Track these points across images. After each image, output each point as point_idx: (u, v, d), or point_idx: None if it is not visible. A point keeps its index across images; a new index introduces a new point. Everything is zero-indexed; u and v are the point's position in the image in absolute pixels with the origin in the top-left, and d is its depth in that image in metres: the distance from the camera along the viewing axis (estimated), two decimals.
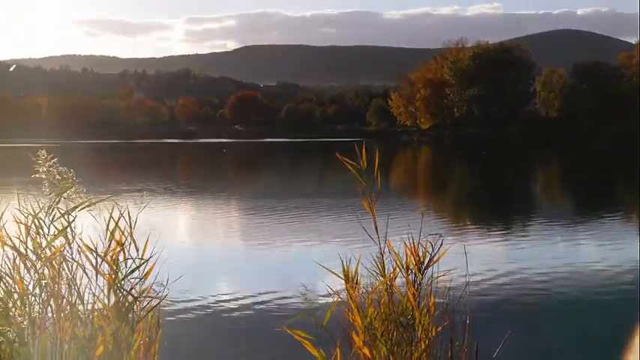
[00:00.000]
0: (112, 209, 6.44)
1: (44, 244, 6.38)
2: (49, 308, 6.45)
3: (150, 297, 6.53)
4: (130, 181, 41.70)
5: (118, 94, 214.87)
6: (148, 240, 6.47)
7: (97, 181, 34.62)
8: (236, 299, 13.10)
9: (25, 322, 6.18)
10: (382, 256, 6.49)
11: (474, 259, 14.81)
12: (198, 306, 12.46)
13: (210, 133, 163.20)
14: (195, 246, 20.10)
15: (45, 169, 6.29)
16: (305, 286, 12.17)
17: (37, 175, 6.29)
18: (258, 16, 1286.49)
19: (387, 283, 6.46)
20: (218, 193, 37.68)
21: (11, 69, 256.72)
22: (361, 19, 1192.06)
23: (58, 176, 6.27)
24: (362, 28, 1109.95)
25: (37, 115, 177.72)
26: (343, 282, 6.49)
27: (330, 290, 6.72)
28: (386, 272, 6.49)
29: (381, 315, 6.36)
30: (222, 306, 12.67)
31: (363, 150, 6.34)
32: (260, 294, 13.33)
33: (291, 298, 12.86)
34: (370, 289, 6.44)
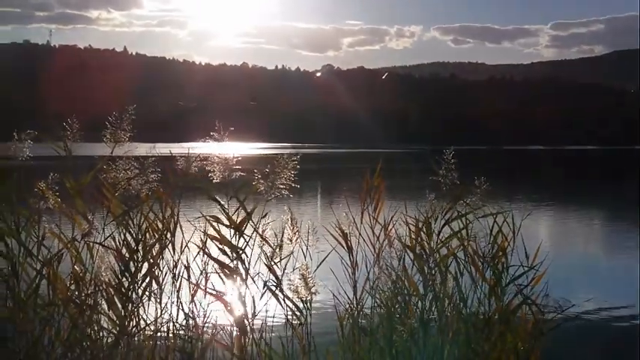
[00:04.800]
0: (496, 216, 6.44)
1: (434, 246, 6.52)
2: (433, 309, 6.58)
3: (532, 304, 6.45)
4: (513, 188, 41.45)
5: (484, 100, 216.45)
6: (538, 249, 6.37)
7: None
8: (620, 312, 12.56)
9: (413, 322, 6.35)
10: None
11: None
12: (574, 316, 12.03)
13: (572, 140, 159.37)
14: (575, 256, 19.57)
15: (443, 172, 6.44)
16: None
17: (434, 178, 6.46)
18: (628, 19, 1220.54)
19: None
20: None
21: (384, 77, 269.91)
22: None
23: (456, 181, 6.39)
24: None
25: (406, 121, 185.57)
26: None
27: None
28: None
29: None
30: (597, 317, 12.17)
31: None
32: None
33: None
34: None
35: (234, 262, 6.24)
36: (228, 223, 6.26)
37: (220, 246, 6.28)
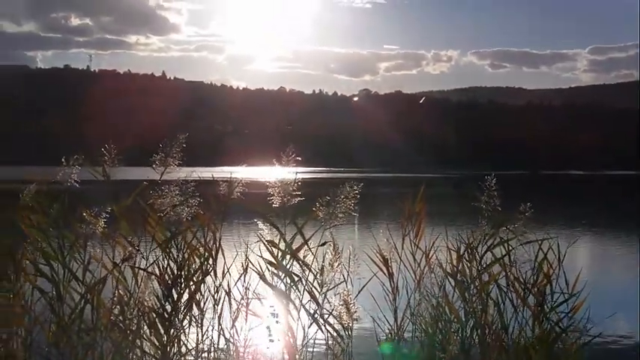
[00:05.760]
0: (541, 242, 6.37)
1: (475, 272, 6.47)
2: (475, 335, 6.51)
3: (576, 331, 6.37)
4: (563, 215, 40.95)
5: (522, 125, 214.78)
6: (578, 275, 6.30)
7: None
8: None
9: (454, 349, 6.31)
10: None
11: None
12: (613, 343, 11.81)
13: (612, 165, 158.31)
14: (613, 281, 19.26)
15: (485, 198, 6.39)
16: None
17: (476, 204, 6.41)
18: None
19: None
20: None
21: (421, 101, 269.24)
22: None
23: (498, 207, 6.34)
24: None
25: (443, 146, 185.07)
26: None
27: None
28: None
29: None
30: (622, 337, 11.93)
31: None
32: None
33: None
34: None
35: (289, 288, 6.25)
36: (284, 249, 6.27)
37: (275, 271, 6.29)
